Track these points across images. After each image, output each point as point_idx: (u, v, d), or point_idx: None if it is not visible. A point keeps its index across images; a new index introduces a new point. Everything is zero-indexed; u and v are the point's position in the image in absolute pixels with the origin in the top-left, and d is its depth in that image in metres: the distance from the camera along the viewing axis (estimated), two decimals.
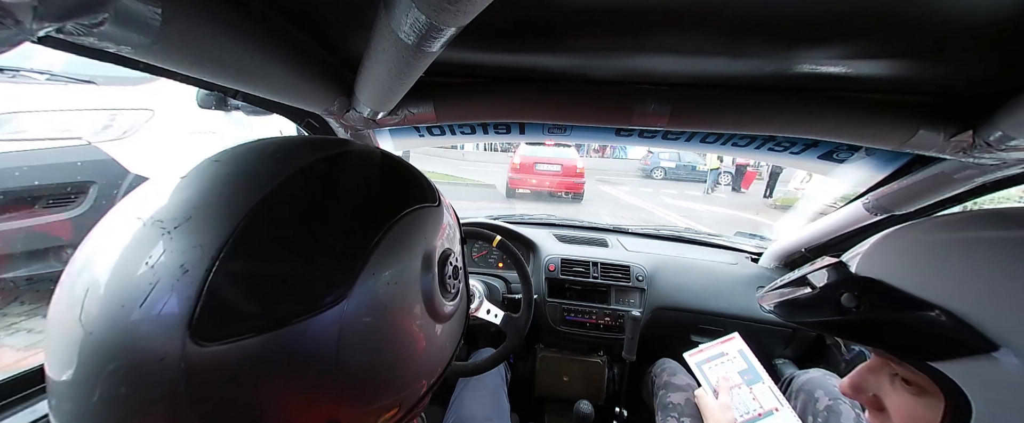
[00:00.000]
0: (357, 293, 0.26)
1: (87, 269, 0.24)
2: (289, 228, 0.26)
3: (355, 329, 0.26)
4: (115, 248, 0.24)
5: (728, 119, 0.73)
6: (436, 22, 0.34)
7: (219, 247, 0.23)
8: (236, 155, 0.31)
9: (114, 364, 0.21)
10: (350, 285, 0.26)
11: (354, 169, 0.33)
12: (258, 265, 0.24)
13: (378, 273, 0.28)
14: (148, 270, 0.22)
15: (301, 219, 0.27)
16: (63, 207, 2.15)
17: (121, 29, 0.30)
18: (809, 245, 1.29)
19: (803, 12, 0.45)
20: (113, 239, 0.25)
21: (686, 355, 1.08)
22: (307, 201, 0.28)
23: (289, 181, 0.28)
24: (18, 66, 2.25)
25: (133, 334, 0.21)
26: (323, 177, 0.30)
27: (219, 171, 0.29)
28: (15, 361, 1.94)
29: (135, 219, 0.26)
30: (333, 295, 0.25)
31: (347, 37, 0.59)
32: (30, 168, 2.05)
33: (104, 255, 0.24)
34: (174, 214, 0.25)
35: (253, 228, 0.25)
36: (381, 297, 0.28)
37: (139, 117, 2.40)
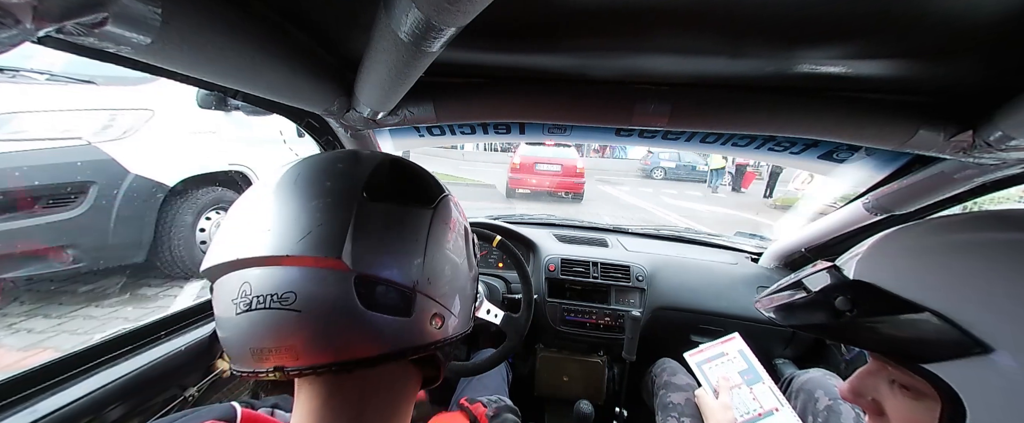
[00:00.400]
0: (437, 211, 0.40)
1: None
2: (401, 175, 0.43)
3: (437, 230, 0.39)
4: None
5: (728, 119, 0.73)
6: (436, 22, 0.34)
7: (367, 174, 0.39)
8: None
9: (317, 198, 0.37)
10: (436, 200, 0.41)
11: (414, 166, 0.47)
12: (397, 174, 0.42)
13: (443, 210, 0.42)
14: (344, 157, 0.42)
15: (404, 174, 0.43)
16: (63, 207, 2.16)
17: (121, 29, 0.30)
18: (809, 245, 1.29)
19: (803, 12, 0.45)
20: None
21: (686, 355, 1.08)
22: (410, 166, 0.45)
23: (397, 160, 0.44)
24: (18, 66, 2.25)
25: (336, 180, 0.38)
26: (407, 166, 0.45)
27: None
28: (15, 361, 1.94)
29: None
30: (427, 203, 0.41)
31: (347, 37, 0.59)
32: (30, 168, 2.05)
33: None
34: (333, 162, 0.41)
35: (383, 167, 0.41)
36: (449, 219, 0.42)
37: (139, 117, 2.40)
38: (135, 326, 0.77)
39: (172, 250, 2.62)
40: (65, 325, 2.23)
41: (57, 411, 0.58)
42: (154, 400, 0.73)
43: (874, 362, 0.44)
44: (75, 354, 0.67)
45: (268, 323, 0.33)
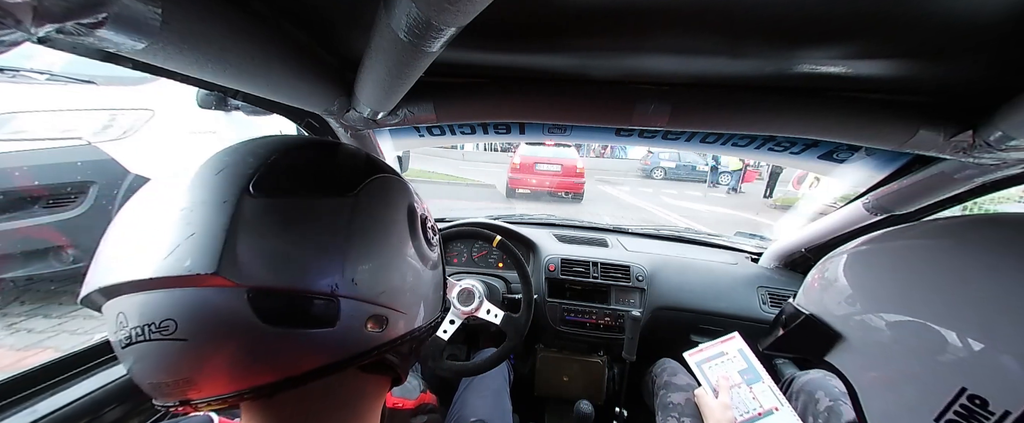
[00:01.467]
0: (359, 198, 0.35)
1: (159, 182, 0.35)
2: (310, 155, 0.37)
3: (357, 221, 0.34)
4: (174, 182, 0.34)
5: (728, 119, 0.73)
6: (436, 22, 0.34)
7: (264, 158, 0.33)
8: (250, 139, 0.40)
9: (185, 206, 0.30)
10: (358, 187, 0.35)
11: (344, 147, 0.42)
12: (291, 168, 0.34)
13: (372, 194, 0.36)
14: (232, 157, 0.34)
15: (319, 154, 0.38)
16: (63, 207, 2.15)
17: (121, 29, 0.30)
18: (809, 245, 1.29)
19: (803, 12, 0.45)
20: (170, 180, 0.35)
21: (686, 355, 1.08)
22: (320, 147, 0.39)
23: (298, 141, 0.38)
24: (18, 66, 2.25)
25: (210, 186, 0.32)
26: (326, 145, 0.41)
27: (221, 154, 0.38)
28: (15, 361, 1.94)
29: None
30: (341, 191, 0.35)
31: (347, 37, 0.59)
32: (30, 168, 2.05)
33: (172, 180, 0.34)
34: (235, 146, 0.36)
35: (287, 152, 0.35)
36: (377, 208, 0.36)
37: (139, 117, 2.40)
38: None
39: None
40: (65, 325, 2.23)
41: (57, 411, 0.58)
42: None
43: None
44: (75, 354, 0.67)
45: (153, 357, 0.29)
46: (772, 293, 1.34)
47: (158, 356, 0.28)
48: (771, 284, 1.36)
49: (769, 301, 1.32)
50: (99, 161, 2.24)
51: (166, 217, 0.30)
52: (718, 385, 0.98)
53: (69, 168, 2.15)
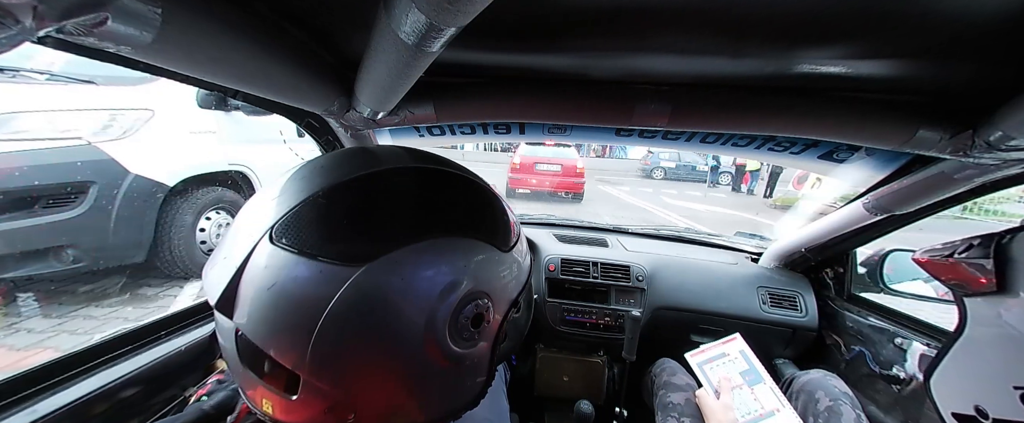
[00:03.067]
0: (373, 271, 0.31)
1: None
2: (351, 204, 0.34)
3: (355, 301, 0.30)
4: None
5: (728, 119, 0.73)
6: (436, 22, 0.34)
7: (300, 201, 0.33)
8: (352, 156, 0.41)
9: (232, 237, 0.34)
10: (369, 261, 0.31)
11: (441, 185, 0.38)
12: (318, 217, 0.32)
13: (397, 268, 0.31)
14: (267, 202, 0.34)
15: (363, 204, 0.34)
16: (63, 207, 2.15)
17: (121, 29, 0.30)
18: (809, 245, 1.29)
19: (803, 12, 0.45)
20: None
21: (688, 355, 1.08)
22: (382, 194, 0.35)
23: (371, 176, 0.36)
24: (18, 66, 2.25)
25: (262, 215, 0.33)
26: (403, 183, 0.37)
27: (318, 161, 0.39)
28: (15, 361, 1.94)
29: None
30: (363, 257, 0.31)
31: (347, 37, 0.59)
32: (30, 168, 2.05)
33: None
34: (283, 184, 0.36)
35: (330, 196, 0.33)
36: (394, 280, 0.31)
37: (139, 117, 2.40)
38: (135, 326, 0.77)
39: (172, 250, 2.62)
40: (65, 325, 2.23)
41: (57, 411, 0.58)
42: (154, 400, 0.72)
43: None
44: (75, 354, 0.67)
45: None
46: (772, 293, 1.34)
47: None
48: (771, 284, 1.36)
49: (769, 301, 1.32)
50: (99, 161, 2.24)
51: (232, 231, 0.34)
52: (719, 386, 0.98)
53: (69, 168, 2.15)
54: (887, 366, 1.06)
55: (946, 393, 0.49)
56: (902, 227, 1.04)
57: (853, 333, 1.19)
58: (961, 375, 0.46)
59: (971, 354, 0.46)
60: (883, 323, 1.11)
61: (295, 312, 0.30)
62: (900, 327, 1.06)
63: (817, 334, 1.28)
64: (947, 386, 0.47)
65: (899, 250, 1.19)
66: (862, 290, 1.27)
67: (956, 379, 0.46)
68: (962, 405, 0.45)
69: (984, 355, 0.45)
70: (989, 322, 0.45)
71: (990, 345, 0.44)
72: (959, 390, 0.46)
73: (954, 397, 0.46)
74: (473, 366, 0.37)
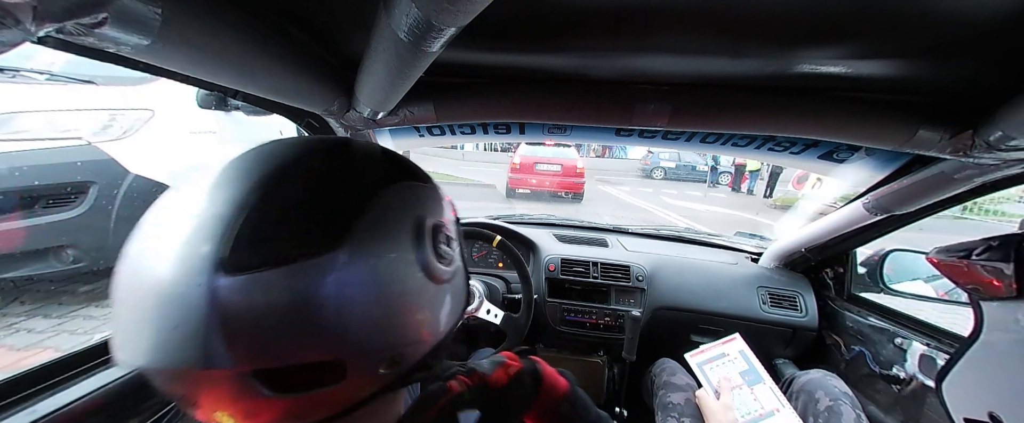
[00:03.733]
0: (352, 243, 0.30)
1: (145, 237, 0.31)
2: (296, 193, 0.31)
3: (351, 272, 0.30)
4: (170, 219, 0.31)
5: (728, 119, 0.73)
6: (436, 22, 0.34)
7: (240, 207, 0.29)
8: (252, 148, 0.36)
9: (164, 293, 0.27)
10: (345, 237, 0.30)
11: (354, 153, 0.37)
12: (272, 219, 0.29)
13: (370, 229, 0.31)
14: (192, 220, 0.29)
15: (306, 186, 0.32)
16: (63, 207, 2.15)
17: (121, 29, 0.30)
18: (809, 245, 1.29)
19: (803, 12, 0.45)
20: (165, 215, 0.31)
21: (687, 356, 1.08)
22: (312, 172, 0.33)
23: (297, 159, 0.33)
24: (18, 66, 2.25)
25: (179, 268, 0.27)
26: (327, 156, 0.35)
27: (235, 159, 0.34)
28: (15, 361, 1.94)
29: (180, 194, 0.32)
30: (330, 242, 0.29)
31: (347, 37, 0.59)
32: (30, 168, 2.05)
33: (160, 227, 0.31)
34: (210, 181, 0.31)
35: (268, 193, 0.30)
36: (373, 248, 0.31)
37: (139, 117, 2.40)
38: None
39: None
40: (65, 325, 2.23)
41: (57, 411, 0.58)
42: (154, 400, 0.72)
43: None
44: (75, 354, 0.67)
45: None
46: (772, 293, 1.34)
47: None
48: (771, 284, 1.36)
49: (769, 301, 1.32)
50: (99, 161, 2.24)
51: (149, 299, 0.27)
52: (719, 386, 0.98)
53: (69, 168, 2.15)
54: (887, 366, 1.06)
55: (959, 398, 0.48)
56: (902, 227, 1.04)
57: (853, 333, 1.19)
58: (975, 380, 0.45)
59: (987, 359, 0.45)
60: (883, 323, 1.11)
61: (306, 317, 0.28)
62: (900, 327, 1.07)
63: (817, 334, 1.28)
64: (960, 391, 0.46)
65: (899, 250, 1.20)
66: (862, 290, 1.27)
67: (970, 384, 0.45)
68: (976, 411, 0.44)
69: (1000, 361, 0.44)
70: (1006, 328, 0.44)
71: (1007, 351, 0.44)
72: (973, 395, 0.45)
73: (967, 402, 0.46)
74: (460, 280, 0.42)
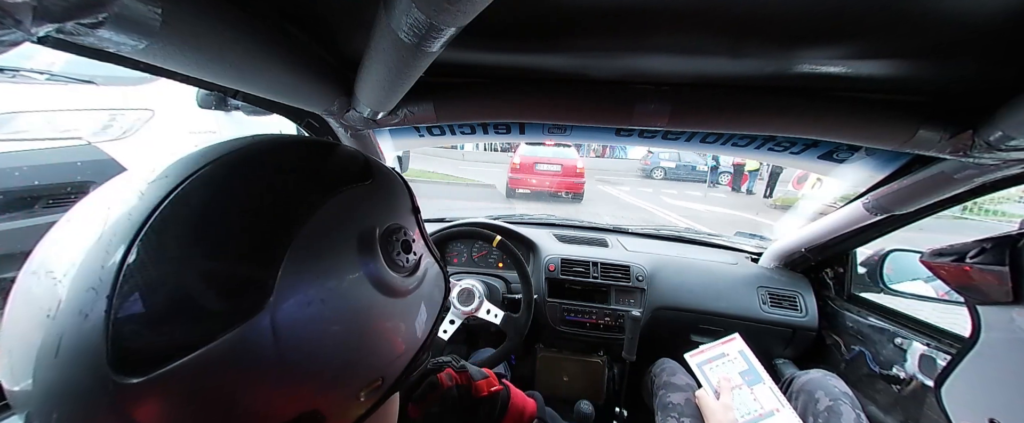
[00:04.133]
0: (281, 292, 0.25)
1: (41, 250, 0.26)
2: (188, 240, 0.25)
3: (291, 326, 0.25)
4: (21, 307, 0.24)
5: (728, 119, 0.73)
6: (436, 22, 0.34)
7: (113, 283, 0.22)
8: (189, 150, 0.30)
9: (53, 412, 0.22)
10: (269, 288, 0.25)
11: (261, 163, 0.30)
12: (159, 291, 0.23)
13: (301, 268, 0.26)
14: (52, 323, 0.22)
15: (199, 230, 0.25)
16: (63, 207, 2.15)
17: (121, 29, 0.30)
18: (809, 245, 1.29)
19: (803, 12, 0.45)
20: (20, 296, 0.25)
21: (687, 356, 1.08)
22: (203, 209, 0.26)
23: (182, 193, 0.25)
24: (18, 66, 2.25)
25: (62, 383, 0.22)
26: (222, 179, 0.28)
27: (167, 160, 0.28)
28: None
29: (32, 273, 0.25)
30: (252, 302, 0.24)
31: (347, 37, 0.59)
32: (30, 168, 2.05)
33: (12, 314, 0.25)
34: (64, 259, 0.24)
35: (146, 252, 0.23)
36: (311, 291, 0.26)
37: (139, 117, 2.40)
38: None
39: None
40: None
41: None
42: None
43: None
44: None
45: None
46: (772, 293, 1.34)
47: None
48: (771, 284, 1.36)
49: (769, 301, 1.32)
50: (99, 161, 2.24)
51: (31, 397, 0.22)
52: (719, 386, 0.98)
53: (69, 168, 2.15)
54: (887, 366, 1.06)
55: (959, 404, 0.47)
56: (902, 227, 1.04)
57: (853, 333, 1.19)
58: (975, 386, 0.45)
59: (986, 365, 0.44)
60: (883, 323, 1.11)
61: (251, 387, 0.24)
62: (900, 327, 1.07)
63: (817, 334, 1.28)
64: (960, 396, 0.46)
65: (899, 250, 1.20)
66: (862, 290, 1.27)
67: (969, 390, 0.45)
68: (975, 417, 0.44)
69: (999, 366, 0.43)
70: (1004, 332, 0.43)
71: (1006, 356, 0.43)
72: (973, 401, 0.45)
73: (967, 408, 0.45)
74: (432, 278, 0.39)
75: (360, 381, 0.29)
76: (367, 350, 0.30)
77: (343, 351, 0.28)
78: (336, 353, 0.28)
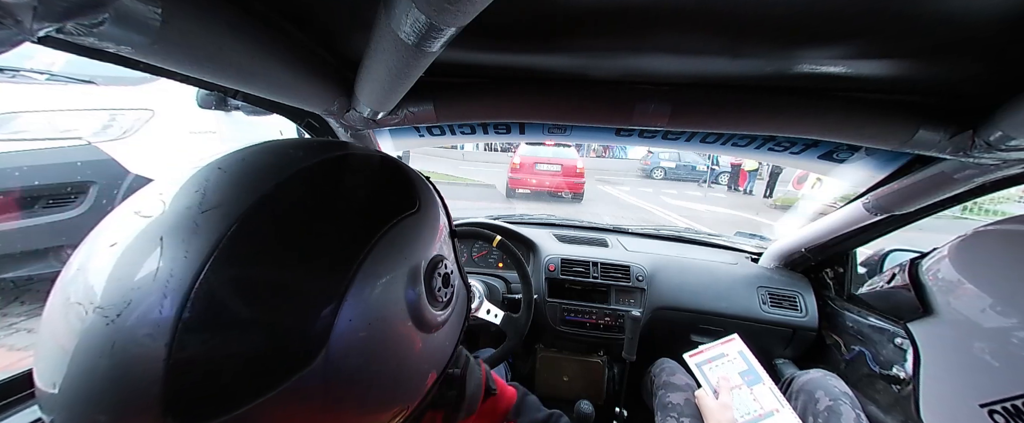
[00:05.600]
0: (336, 342, 0.26)
1: (84, 275, 0.25)
2: (269, 247, 0.26)
3: (340, 371, 0.26)
4: (111, 256, 0.25)
5: (728, 119, 0.73)
6: (436, 22, 0.34)
7: (205, 257, 0.23)
8: (231, 162, 0.31)
9: (105, 367, 0.22)
10: (325, 338, 0.25)
11: (313, 208, 0.30)
12: (221, 344, 0.23)
13: (355, 317, 0.27)
14: (143, 277, 0.23)
15: (281, 238, 0.27)
16: (63, 207, 2.16)
17: (121, 29, 0.30)
18: (809, 245, 1.29)
19: (803, 12, 0.45)
20: (61, 327, 0.24)
21: (686, 356, 1.08)
22: (261, 257, 0.26)
23: (238, 234, 0.26)
24: (18, 66, 2.25)
25: (125, 339, 0.22)
26: (279, 222, 0.28)
27: (211, 178, 0.29)
28: (15, 361, 1.94)
29: (76, 304, 0.24)
30: (307, 353, 0.25)
31: (347, 37, 0.59)
32: (30, 168, 2.05)
33: (101, 262, 0.25)
34: (115, 296, 0.24)
35: (236, 241, 0.24)
36: (362, 333, 0.27)
37: (139, 117, 2.40)
38: None
39: None
40: None
41: None
42: None
43: None
44: None
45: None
46: (772, 293, 1.34)
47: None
48: (771, 284, 1.36)
49: (769, 301, 1.32)
50: (99, 161, 2.24)
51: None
52: (718, 386, 0.98)
53: (69, 168, 2.15)
54: (887, 366, 1.06)
55: (941, 416, 0.48)
56: (902, 227, 1.04)
57: (853, 333, 1.19)
58: (937, 403, 0.46)
59: (935, 380, 0.46)
60: (883, 323, 1.11)
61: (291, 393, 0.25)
62: (900, 327, 1.06)
63: (817, 334, 1.28)
64: (932, 416, 0.47)
65: (899, 250, 1.19)
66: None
67: (935, 407, 0.46)
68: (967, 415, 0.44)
69: (945, 379, 0.45)
70: (935, 345, 0.46)
71: (946, 368, 0.45)
72: (940, 417, 0.46)
73: (951, 416, 0.46)
74: (460, 308, 0.40)
75: (390, 414, 0.31)
76: (402, 385, 0.31)
77: (382, 388, 0.29)
78: (376, 390, 0.29)
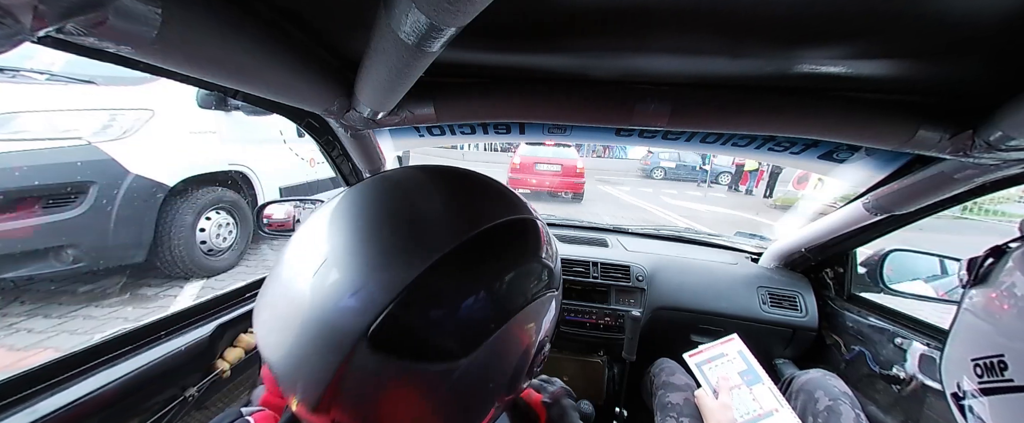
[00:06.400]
0: (479, 350, 0.32)
1: (312, 262, 0.33)
2: (449, 294, 0.32)
3: (470, 374, 0.33)
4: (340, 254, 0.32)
5: (728, 119, 0.73)
6: (436, 22, 0.34)
7: (401, 287, 0.30)
8: (440, 198, 0.37)
9: (315, 327, 0.30)
10: (477, 347, 0.32)
11: (512, 248, 0.37)
12: (418, 314, 0.31)
13: (490, 351, 0.33)
14: (357, 282, 0.31)
15: (459, 290, 0.32)
16: (63, 207, 2.16)
17: (121, 29, 0.30)
18: (809, 245, 1.29)
19: (803, 12, 0.45)
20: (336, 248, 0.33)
21: (686, 356, 1.08)
22: (469, 273, 0.33)
23: (464, 246, 0.33)
24: (18, 66, 2.25)
25: (337, 317, 0.30)
26: (487, 260, 0.34)
27: (416, 210, 0.36)
28: (15, 361, 1.94)
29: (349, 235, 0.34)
30: (463, 352, 0.32)
31: (347, 37, 0.59)
32: (30, 168, 2.05)
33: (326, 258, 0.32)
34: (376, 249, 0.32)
35: (427, 281, 0.31)
36: (486, 370, 0.34)
37: (139, 117, 2.41)
38: (135, 326, 0.77)
39: (172, 250, 2.62)
40: (65, 325, 2.23)
41: (57, 411, 0.58)
42: (154, 400, 0.73)
43: None
44: (75, 354, 0.67)
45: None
46: (772, 293, 1.34)
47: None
48: (771, 284, 1.36)
49: (769, 301, 1.32)
50: (99, 161, 2.24)
51: (297, 338, 0.31)
52: (718, 386, 0.98)
53: (69, 168, 2.15)
54: (887, 366, 1.06)
55: (946, 380, 0.56)
56: (902, 227, 1.04)
57: (853, 333, 1.19)
58: (949, 361, 0.55)
59: (952, 341, 0.55)
60: (883, 323, 1.11)
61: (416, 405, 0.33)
62: (900, 327, 1.07)
63: (817, 334, 1.28)
64: (946, 374, 0.55)
65: (899, 250, 1.19)
66: (862, 290, 1.27)
67: (948, 365, 0.55)
68: (952, 386, 0.53)
69: (958, 339, 0.54)
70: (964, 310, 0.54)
71: (962, 329, 0.54)
72: (949, 374, 0.54)
73: (948, 381, 0.54)
74: None
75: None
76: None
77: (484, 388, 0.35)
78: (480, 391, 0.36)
